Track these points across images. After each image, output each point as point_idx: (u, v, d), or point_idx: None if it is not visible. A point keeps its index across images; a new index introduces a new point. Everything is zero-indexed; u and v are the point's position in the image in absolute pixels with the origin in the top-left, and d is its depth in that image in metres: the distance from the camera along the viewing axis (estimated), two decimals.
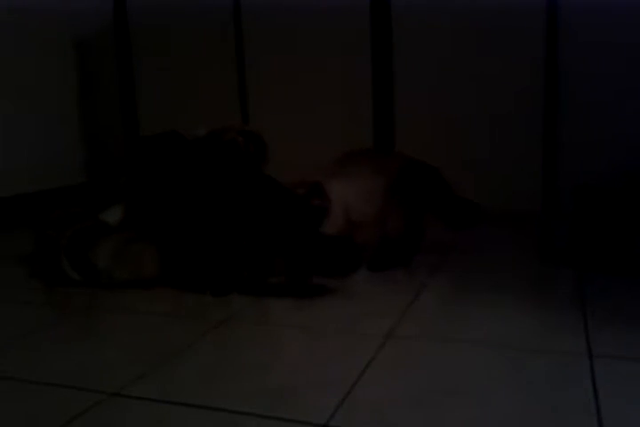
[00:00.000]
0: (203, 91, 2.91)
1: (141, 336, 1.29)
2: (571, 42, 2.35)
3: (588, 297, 1.46)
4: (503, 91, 2.45)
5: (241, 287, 1.57)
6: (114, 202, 1.84)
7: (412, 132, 2.59)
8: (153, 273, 1.61)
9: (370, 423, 0.90)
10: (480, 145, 2.51)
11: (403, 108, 2.61)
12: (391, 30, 2.58)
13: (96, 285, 1.61)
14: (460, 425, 0.90)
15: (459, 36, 2.49)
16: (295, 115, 2.77)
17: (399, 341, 1.22)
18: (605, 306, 1.40)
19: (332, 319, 1.36)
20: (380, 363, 1.12)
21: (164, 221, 1.65)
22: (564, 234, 1.84)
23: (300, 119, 2.77)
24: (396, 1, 2.54)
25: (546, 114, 2.40)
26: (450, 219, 1.91)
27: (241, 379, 1.07)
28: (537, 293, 1.57)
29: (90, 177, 3.26)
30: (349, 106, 2.69)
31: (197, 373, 1.10)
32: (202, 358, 1.17)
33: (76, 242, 1.62)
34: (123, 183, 1.82)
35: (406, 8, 2.53)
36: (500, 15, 2.41)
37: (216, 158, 1.69)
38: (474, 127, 2.51)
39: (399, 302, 1.45)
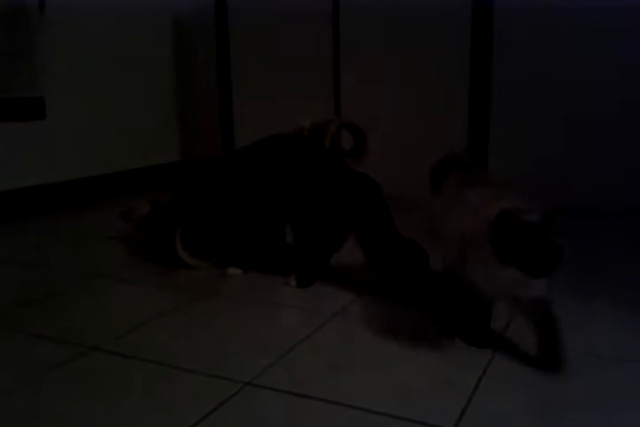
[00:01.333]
0: (297, 75, 2.96)
1: (262, 325, 1.37)
2: None
3: None
4: None
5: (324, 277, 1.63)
6: None
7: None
8: None
9: None
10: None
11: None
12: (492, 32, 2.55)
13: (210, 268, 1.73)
14: None
15: None
16: (388, 114, 2.78)
17: None
18: None
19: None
20: None
21: (264, 210, 1.70)
22: None
23: (392, 119, 2.78)
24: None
25: None
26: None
27: (369, 373, 1.14)
28: None
29: (184, 156, 3.39)
30: (446, 105, 2.69)
31: (324, 365, 1.18)
32: (323, 350, 1.25)
33: None
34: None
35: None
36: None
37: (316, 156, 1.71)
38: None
39: None
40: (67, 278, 1.68)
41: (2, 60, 2.40)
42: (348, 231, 1.60)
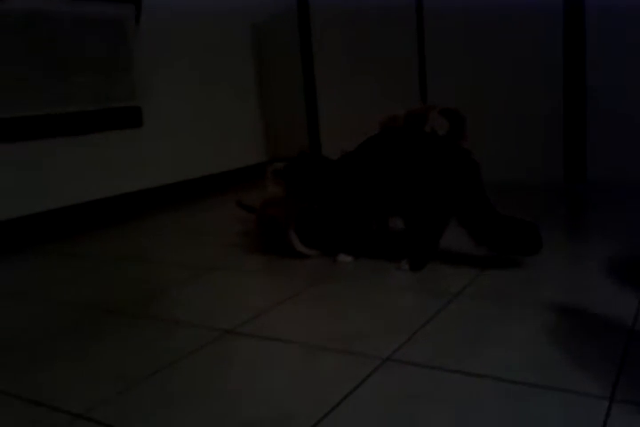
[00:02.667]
0: (380, 77, 2.97)
1: (387, 306, 1.39)
2: None
3: None
4: None
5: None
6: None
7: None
8: None
9: None
10: None
11: None
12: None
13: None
14: None
15: None
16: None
17: None
18: None
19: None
20: None
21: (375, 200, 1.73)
22: None
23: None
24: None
25: None
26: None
27: (503, 348, 1.13)
28: None
29: (271, 157, 3.46)
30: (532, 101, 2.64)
31: (458, 340, 1.18)
32: (454, 326, 1.25)
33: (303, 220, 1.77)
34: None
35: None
36: None
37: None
38: None
39: None
40: (189, 271, 1.75)
41: (103, 70, 2.53)
42: (452, 214, 1.61)
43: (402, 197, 1.64)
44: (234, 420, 0.95)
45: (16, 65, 2.24)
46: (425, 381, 1.03)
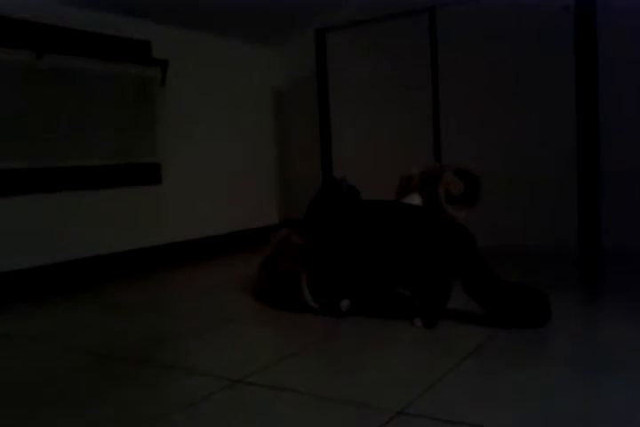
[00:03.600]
0: (396, 137, 3.06)
1: (400, 361, 1.37)
2: None
3: None
4: None
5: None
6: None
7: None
8: None
9: None
10: None
11: None
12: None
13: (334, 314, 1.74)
14: None
15: None
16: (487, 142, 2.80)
17: None
18: None
19: None
20: None
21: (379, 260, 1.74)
22: None
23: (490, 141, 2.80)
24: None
25: None
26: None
27: (515, 404, 1.09)
28: None
29: (283, 219, 3.50)
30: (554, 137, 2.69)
31: (467, 393, 1.15)
32: (467, 382, 1.21)
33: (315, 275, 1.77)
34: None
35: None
36: None
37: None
38: None
39: None
40: (200, 323, 1.74)
41: (127, 127, 2.62)
42: (453, 277, 1.62)
43: (405, 266, 1.65)
44: None
45: (46, 117, 2.33)
46: None
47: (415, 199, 2.03)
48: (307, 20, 3.24)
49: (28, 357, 1.52)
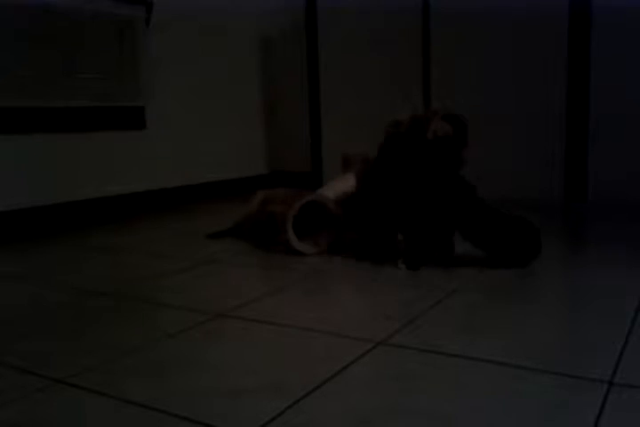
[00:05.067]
0: (385, 88, 3.00)
1: (382, 298, 1.37)
2: None
3: None
4: None
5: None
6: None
7: None
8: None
9: None
10: None
11: None
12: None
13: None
14: None
15: None
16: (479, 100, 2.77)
17: None
18: None
19: None
20: None
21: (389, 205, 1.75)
22: None
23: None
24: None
25: None
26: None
27: (500, 334, 1.10)
28: None
29: (271, 169, 3.47)
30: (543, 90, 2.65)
31: (458, 328, 1.16)
32: (451, 316, 1.23)
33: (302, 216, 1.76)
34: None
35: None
36: None
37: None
38: None
39: None
40: (184, 264, 1.73)
41: (109, 69, 2.55)
42: (453, 227, 1.65)
43: (403, 213, 1.66)
44: (223, 388, 0.92)
45: (25, 56, 2.26)
46: (420, 362, 1.00)
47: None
48: None
49: (4, 294, 1.51)
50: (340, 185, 1.91)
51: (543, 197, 2.66)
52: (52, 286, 1.53)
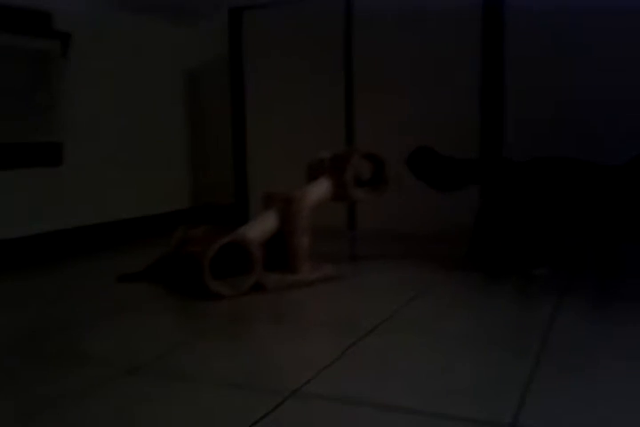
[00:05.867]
0: (310, 115, 3.03)
1: (299, 342, 1.36)
2: None
3: None
4: None
5: None
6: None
7: None
8: None
9: None
10: None
11: None
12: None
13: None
14: None
15: None
16: (398, 133, 2.83)
17: None
18: None
19: None
20: None
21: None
22: None
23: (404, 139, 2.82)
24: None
25: None
26: None
27: None
28: None
29: (196, 202, 3.42)
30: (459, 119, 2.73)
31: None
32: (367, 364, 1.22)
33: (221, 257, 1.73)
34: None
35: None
36: None
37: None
38: None
39: None
40: (92, 312, 1.66)
41: (25, 104, 2.46)
42: None
43: None
44: None
45: None
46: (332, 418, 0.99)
47: (325, 183, 2.03)
48: None
49: None
50: (262, 224, 1.89)
51: None
52: None
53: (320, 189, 1.99)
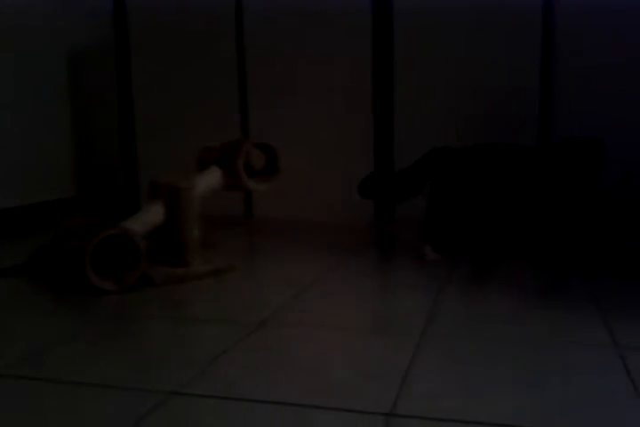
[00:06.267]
0: (202, 102, 2.94)
1: (179, 341, 1.32)
2: None
3: None
4: None
5: None
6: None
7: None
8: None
9: None
10: None
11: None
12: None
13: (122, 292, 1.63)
14: None
15: None
16: (295, 127, 2.81)
17: None
18: None
19: None
20: None
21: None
22: None
23: (300, 132, 2.81)
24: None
25: None
26: None
27: None
28: None
29: (81, 190, 3.24)
30: (351, 117, 2.75)
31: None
32: (252, 355, 1.20)
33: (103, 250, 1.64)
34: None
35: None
36: None
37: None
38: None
39: None
40: None
41: None
42: None
43: None
44: None
45: None
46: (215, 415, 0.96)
47: (215, 172, 1.98)
48: None
49: None
50: (147, 215, 1.81)
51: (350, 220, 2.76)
52: None
53: (210, 178, 1.94)
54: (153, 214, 1.80)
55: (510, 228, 2.04)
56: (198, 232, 1.85)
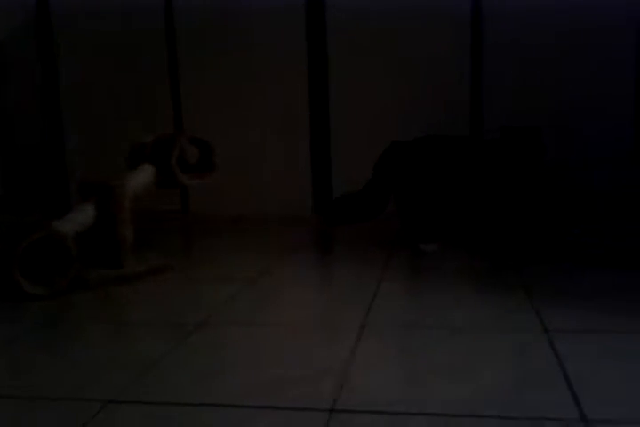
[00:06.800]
0: (134, 96, 2.86)
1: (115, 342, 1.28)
2: None
3: None
4: None
5: None
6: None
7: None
8: None
9: None
10: None
11: None
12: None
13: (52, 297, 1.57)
14: None
15: None
16: (229, 123, 2.78)
17: None
18: None
19: None
20: None
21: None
22: None
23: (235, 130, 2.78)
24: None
25: None
26: None
27: None
28: None
29: (6, 189, 3.09)
30: (287, 119, 2.74)
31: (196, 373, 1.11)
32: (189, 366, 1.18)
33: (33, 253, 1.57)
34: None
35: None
36: None
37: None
38: None
39: None
40: None
41: None
42: None
43: None
44: None
45: None
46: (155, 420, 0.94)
47: (148, 169, 1.93)
48: None
49: None
50: (77, 216, 1.75)
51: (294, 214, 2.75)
52: None
53: (142, 175, 1.89)
54: (84, 215, 1.74)
55: (465, 216, 2.09)
56: (131, 231, 1.80)
